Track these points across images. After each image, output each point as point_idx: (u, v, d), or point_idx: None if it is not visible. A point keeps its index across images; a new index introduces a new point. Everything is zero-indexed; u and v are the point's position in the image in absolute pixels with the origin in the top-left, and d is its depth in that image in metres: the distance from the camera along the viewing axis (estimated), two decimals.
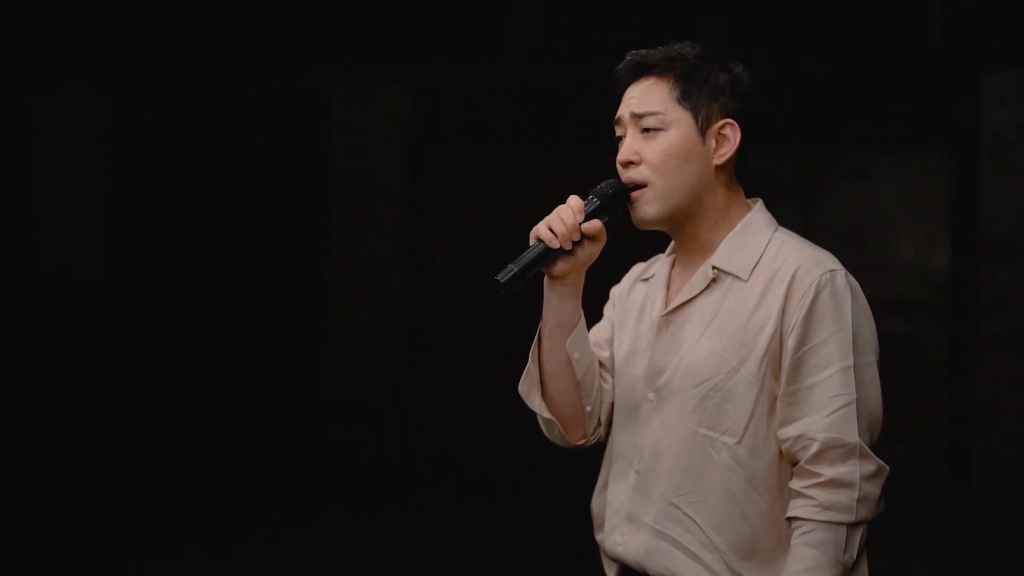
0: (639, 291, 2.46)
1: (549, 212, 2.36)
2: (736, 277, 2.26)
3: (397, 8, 10.30)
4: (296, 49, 10.18)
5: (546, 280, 2.39)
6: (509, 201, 10.62)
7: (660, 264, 2.46)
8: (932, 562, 7.37)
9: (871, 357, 2.23)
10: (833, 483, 2.15)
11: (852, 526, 2.15)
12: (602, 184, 2.39)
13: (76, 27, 9.97)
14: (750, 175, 2.40)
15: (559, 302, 2.38)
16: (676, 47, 2.34)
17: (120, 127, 10.34)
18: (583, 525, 7.75)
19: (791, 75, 9.52)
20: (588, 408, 2.40)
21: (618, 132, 2.40)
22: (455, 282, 10.69)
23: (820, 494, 2.15)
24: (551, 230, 2.32)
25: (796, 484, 2.18)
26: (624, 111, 2.37)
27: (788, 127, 9.40)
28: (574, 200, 2.35)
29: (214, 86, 10.24)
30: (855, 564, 2.18)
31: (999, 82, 9.53)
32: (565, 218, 2.32)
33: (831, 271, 2.22)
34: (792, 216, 9.98)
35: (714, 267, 2.30)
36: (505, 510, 8.76)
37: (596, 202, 2.35)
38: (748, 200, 2.39)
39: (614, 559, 2.37)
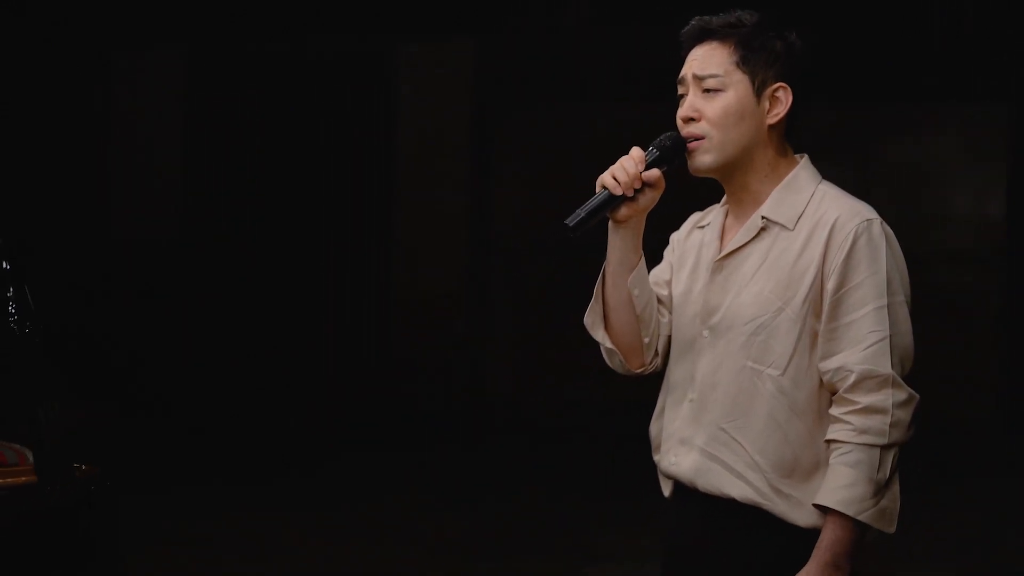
0: (696, 237, 2.69)
1: (611, 164, 2.58)
2: (783, 226, 2.49)
3: None
4: (365, 9, 10.39)
5: (610, 224, 2.62)
6: (570, 157, 10.79)
7: (715, 213, 2.69)
8: (983, 511, 7.46)
9: (902, 297, 2.44)
10: (868, 410, 2.38)
11: (885, 448, 2.39)
12: (661, 137, 2.59)
13: None
14: (811, 130, 2.60)
15: (622, 244, 2.61)
16: (736, 14, 2.54)
17: (199, 87, 10.63)
18: (640, 463, 7.99)
19: (849, 31, 9.61)
20: (647, 339, 2.64)
21: (680, 91, 2.60)
22: (519, 237, 10.91)
23: (857, 419, 2.39)
24: (615, 179, 2.54)
25: (835, 411, 2.42)
26: (687, 71, 2.56)
27: (845, 82, 9.48)
28: (636, 151, 2.56)
29: (286, 47, 10.49)
30: (887, 482, 2.41)
31: None
32: (627, 167, 2.53)
33: (868, 220, 2.44)
34: (849, 170, 10.16)
35: (763, 217, 2.52)
36: (570, 454, 9.04)
37: (656, 153, 2.56)
38: (796, 155, 2.60)
39: (669, 477, 2.63)
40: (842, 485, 2.39)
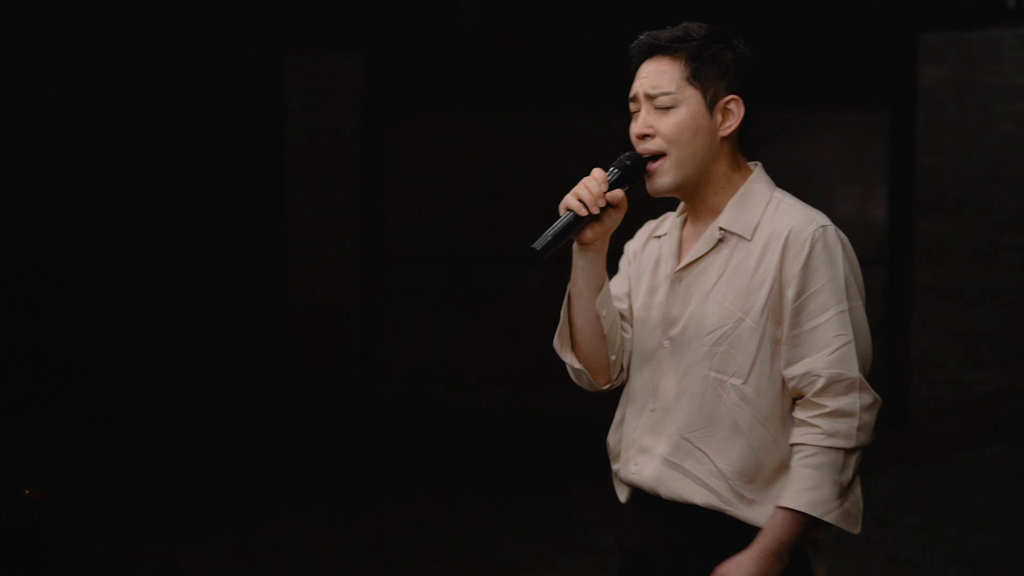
0: (652, 247, 2.70)
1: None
2: (741, 237, 2.52)
3: None
4: (251, 19, 10.28)
5: (575, 246, 2.61)
6: (461, 166, 10.85)
7: (671, 223, 2.70)
8: (869, 507, 7.61)
9: (860, 302, 2.49)
10: (837, 413, 2.42)
11: (850, 451, 2.44)
12: (620, 157, 2.60)
13: (33, 3, 10.02)
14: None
15: (587, 265, 2.61)
16: (684, 27, 2.56)
17: (77, 101, 10.42)
18: (532, 470, 7.96)
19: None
20: (613, 357, 2.66)
21: (632, 107, 2.60)
22: (410, 246, 10.90)
23: (825, 423, 2.42)
24: (580, 200, 2.54)
25: (801, 414, 2.45)
26: (639, 89, 2.57)
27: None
28: (598, 172, 2.57)
29: (170, 58, 10.33)
30: (850, 484, 2.46)
31: (934, 41, 9.88)
32: (591, 187, 2.54)
33: (822, 227, 2.48)
34: None
35: (721, 228, 2.55)
36: (461, 462, 9.02)
37: (617, 172, 2.57)
38: (749, 163, 2.63)
39: (628, 484, 2.66)
40: (807, 487, 2.42)
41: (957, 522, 7.24)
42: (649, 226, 2.76)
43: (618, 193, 2.55)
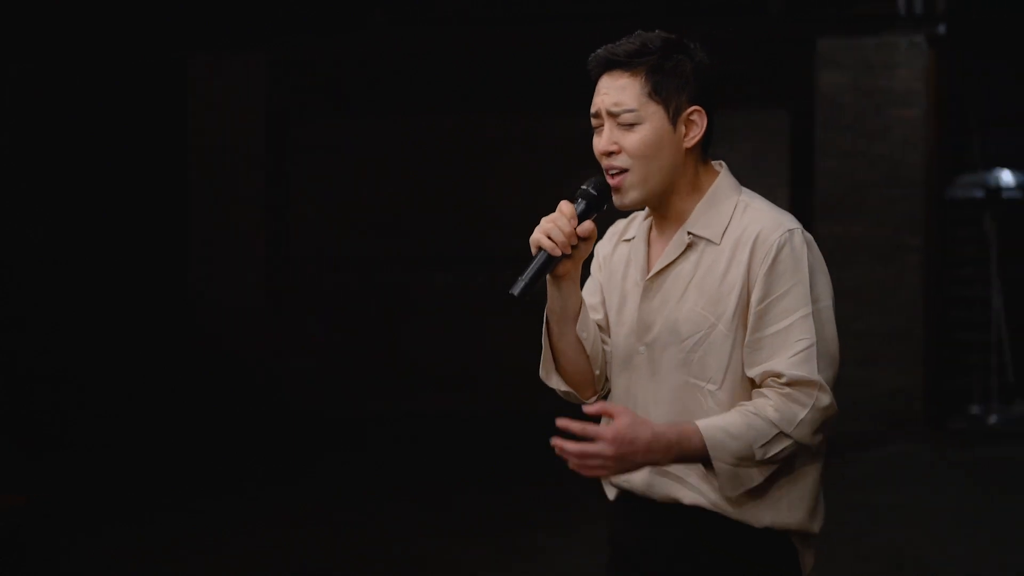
0: (622, 251, 2.69)
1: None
2: (709, 241, 2.53)
3: None
4: (155, 20, 10.14)
5: (549, 279, 2.60)
6: (367, 169, 10.80)
7: (639, 225, 2.69)
8: None
9: (827, 303, 2.50)
10: (791, 397, 2.42)
11: (783, 435, 2.41)
12: (584, 186, 2.58)
13: None
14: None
15: (563, 295, 2.60)
16: (641, 39, 2.54)
17: None
18: (447, 469, 7.98)
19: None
20: (597, 372, 2.68)
21: (595, 123, 2.59)
22: (316, 249, 10.83)
23: (777, 398, 2.42)
24: (551, 239, 2.52)
25: (760, 390, 2.45)
26: (601, 106, 2.55)
27: None
28: (565, 206, 2.54)
29: (72, 56, 10.13)
30: (761, 463, 2.41)
31: (831, 46, 10.07)
32: (562, 227, 2.51)
33: (789, 230, 2.48)
34: None
35: (689, 232, 2.55)
36: (369, 464, 8.99)
37: (584, 204, 2.56)
38: (714, 164, 2.63)
39: (617, 487, 2.66)
40: (726, 430, 2.41)
41: (863, 519, 7.38)
42: (618, 227, 2.75)
43: (588, 225, 2.54)
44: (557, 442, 2.40)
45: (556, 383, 2.70)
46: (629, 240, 2.68)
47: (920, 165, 10.08)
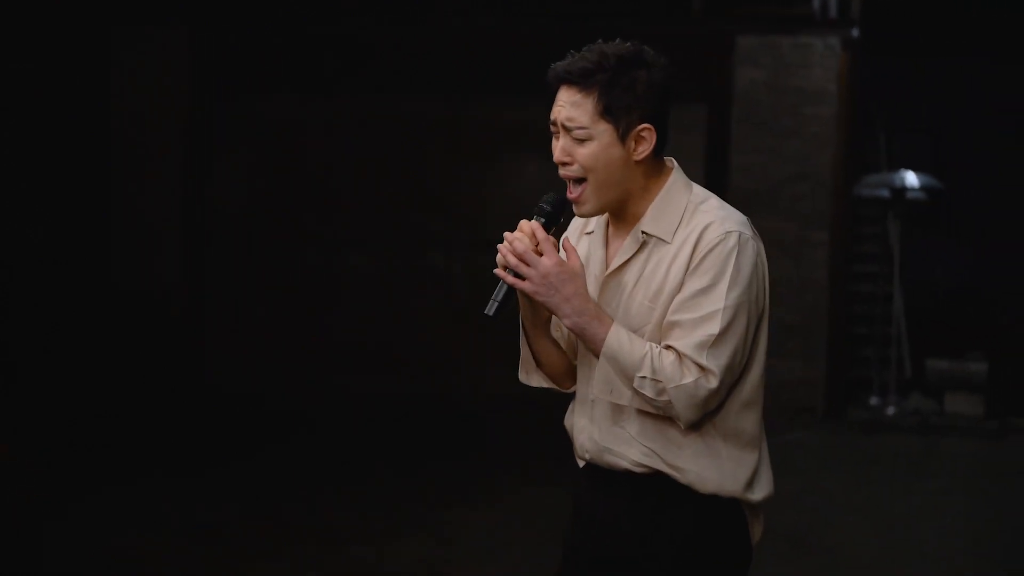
0: (584, 245, 2.86)
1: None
2: (661, 239, 2.69)
3: None
4: None
5: (519, 292, 2.73)
6: (291, 148, 10.85)
7: (597, 221, 2.85)
8: None
9: (739, 302, 2.62)
10: (685, 364, 2.60)
11: (662, 387, 2.59)
12: (542, 203, 2.74)
13: None
14: (524, 127, 2.72)
15: (534, 305, 2.76)
16: (597, 54, 2.67)
17: None
18: (375, 452, 8.10)
19: (556, 33, 10.01)
20: (575, 362, 2.86)
21: (553, 130, 2.74)
22: (236, 226, 10.85)
23: (675, 357, 2.60)
24: (507, 259, 2.65)
25: (670, 343, 2.62)
26: (557, 117, 2.70)
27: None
28: (525, 225, 2.69)
29: None
30: (632, 389, 2.61)
31: (750, 44, 10.33)
32: (517, 247, 2.64)
33: (727, 232, 2.64)
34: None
35: (643, 232, 2.72)
36: (296, 440, 9.09)
37: (543, 220, 2.72)
38: (666, 161, 2.79)
39: (583, 459, 2.84)
40: (630, 342, 2.63)
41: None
42: (580, 220, 2.89)
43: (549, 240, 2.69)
44: (510, 235, 2.65)
45: (537, 381, 2.89)
46: (590, 233, 2.86)
47: (829, 163, 10.38)
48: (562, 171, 2.70)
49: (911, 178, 11.14)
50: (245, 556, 6.26)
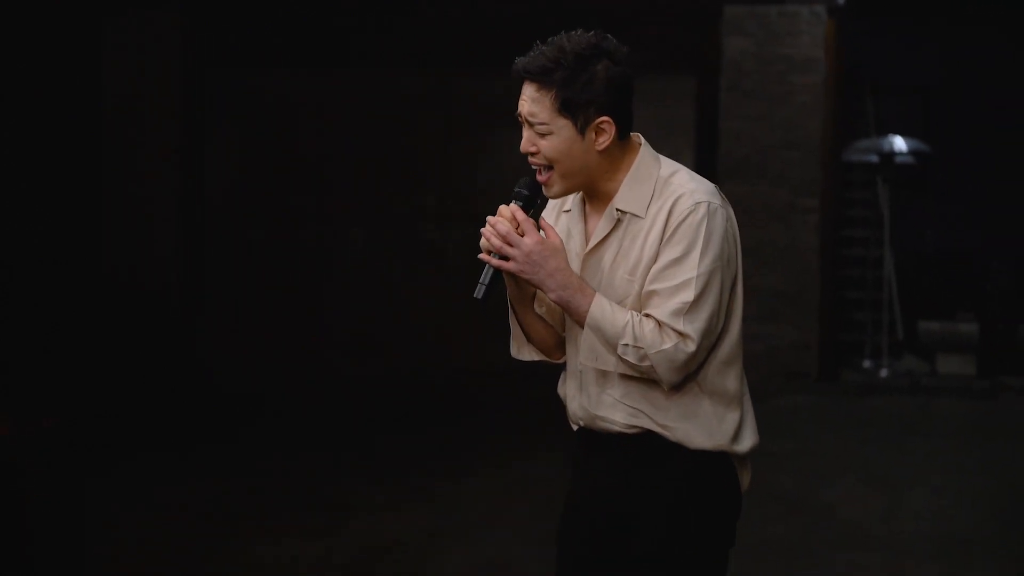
0: (563, 222, 2.98)
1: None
2: (635, 215, 2.81)
3: None
4: None
5: (504, 273, 2.86)
6: (284, 124, 10.92)
7: (574, 199, 2.97)
8: None
9: (713, 268, 2.75)
10: (664, 330, 2.74)
11: (643, 353, 2.72)
12: (517, 187, 2.86)
13: None
14: (501, 100, 2.80)
15: (519, 284, 2.90)
16: (557, 50, 2.75)
17: None
18: (374, 426, 8.21)
19: (547, 6, 10.09)
20: (563, 334, 2.98)
21: (520, 120, 2.84)
22: (231, 212, 10.92)
23: (654, 324, 2.73)
24: (490, 242, 2.79)
25: (649, 312, 2.76)
26: (521, 111, 2.82)
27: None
28: (504, 209, 2.83)
29: None
30: (616, 355, 2.75)
31: (737, 14, 10.41)
32: (499, 229, 2.78)
33: (697, 203, 2.76)
34: None
35: (617, 209, 2.84)
36: (295, 430, 9.20)
37: (521, 203, 2.84)
38: (632, 137, 2.87)
39: (576, 424, 2.97)
40: (613, 311, 2.76)
41: (762, 465, 7.72)
42: (558, 199, 2.99)
43: (528, 222, 2.82)
44: (492, 219, 2.78)
45: (528, 355, 3.01)
46: (568, 211, 2.98)
47: (818, 130, 10.48)
48: (530, 160, 2.82)
49: (899, 143, 11.26)
50: (245, 530, 6.37)
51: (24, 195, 10.12)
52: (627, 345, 2.74)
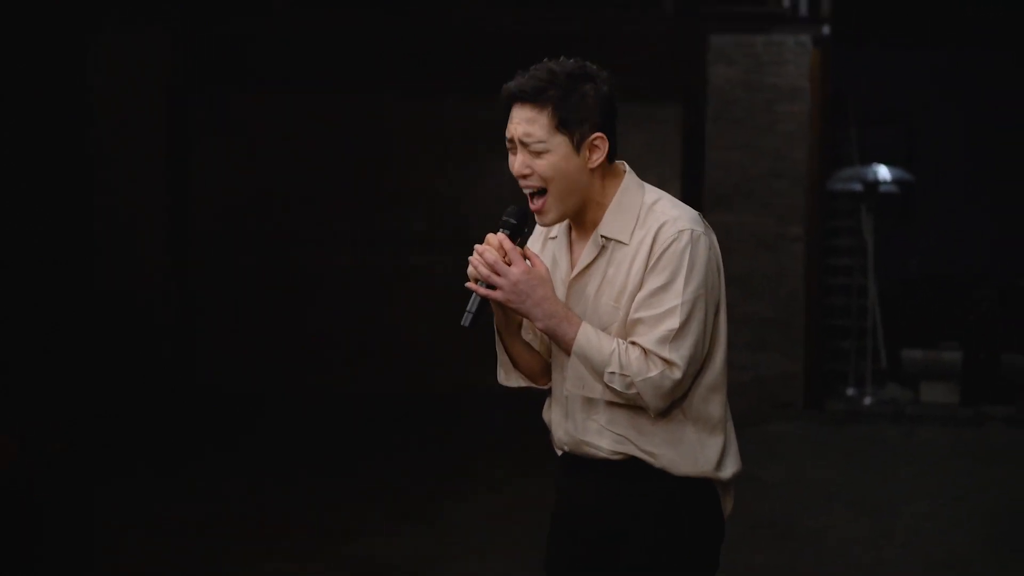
0: (548, 249, 3.01)
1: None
2: (619, 242, 2.86)
3: None
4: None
5: (492, 301, 2.89)
6: (270, 147, 10.93)
7: (560, 227, 3.00)
8: None
9: (696, 296, 2.79)
10: (650, 358, 2.77)
11: (629, 381, 2.75)
12: (506, 216, 2.89)
13: None
14: (494, 128, 2.83)
15: (506, 312, 2.93)
16: (548, 71, 2.81)
17: None
18: (365, 448, 8.19)
19: (536, 33, 10.15)
20: (549, 360, 3.01)
21: (509, 146, 2.89)
22: (219, 226, 10.92)
23: (640, 352, 2.77)
24: (478, 271, 2.81)
25: (635, 340, 2.79)
26: (513, 134, 2.82)
27: None
28: (492, 238, 2.86)
29: None
30: (603, 384, 2.78)
31: (723, 43, 10.48)
32: (487, 258, 2.80)
33: (680, 231, 2.81)
34: None
35: (602, 236, 2.85)
36: (285, 438, 9.20)
37: (508, 232, 2.87)
38: (618, 164, 2.93)
39: (560, 448, 3.01)
40: (599, 339, 2.79)
41: (748, 492, 7.75)
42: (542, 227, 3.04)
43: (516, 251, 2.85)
44: (480, 247, 2.81)
45: (515, 381, 3.04)
46: (554, 238, 3.01)
47: (804, 158, 10.54)
48: (523, 183, 2.85)
49: (883, 171, 11.32)
50: (241, 551, 6.36)
51: (13, 211, 10.11)
52: (613, 373, 2.78)
